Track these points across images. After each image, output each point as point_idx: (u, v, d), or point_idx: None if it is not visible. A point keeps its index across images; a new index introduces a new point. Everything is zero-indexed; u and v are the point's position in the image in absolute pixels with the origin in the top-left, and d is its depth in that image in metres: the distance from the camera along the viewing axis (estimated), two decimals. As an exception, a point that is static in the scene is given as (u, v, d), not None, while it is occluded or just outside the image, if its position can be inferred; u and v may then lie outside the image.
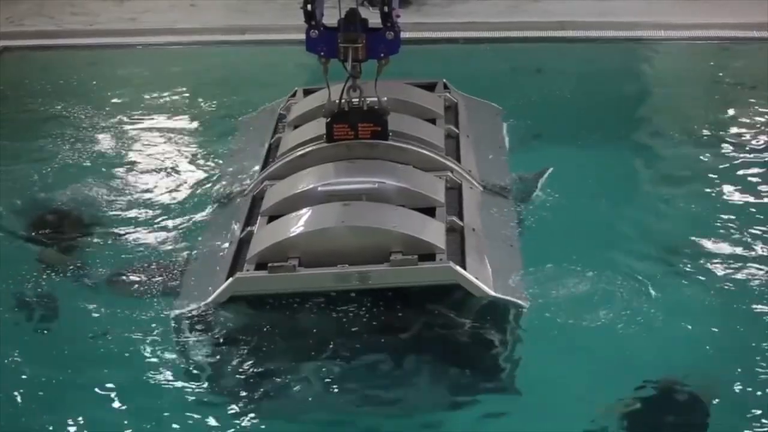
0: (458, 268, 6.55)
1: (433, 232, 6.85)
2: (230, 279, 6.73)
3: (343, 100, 7.75)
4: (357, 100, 7.77)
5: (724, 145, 9.64)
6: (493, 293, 6.53)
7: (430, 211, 7.21)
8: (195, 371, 6.59)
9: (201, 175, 9.25)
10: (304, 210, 7.06)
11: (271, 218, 7.31)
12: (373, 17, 7.87)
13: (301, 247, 6.72)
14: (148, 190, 9.01)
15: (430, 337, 6.61)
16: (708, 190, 8.71)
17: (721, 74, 11.79)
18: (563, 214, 8.21)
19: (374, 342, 6.66)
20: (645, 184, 9.05)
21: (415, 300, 6.76)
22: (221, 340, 6.72)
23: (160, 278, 7.44)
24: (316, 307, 6.83)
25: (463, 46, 12.68)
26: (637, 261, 7.55)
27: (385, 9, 7.59)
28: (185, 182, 9.14)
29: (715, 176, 8.97)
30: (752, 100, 10.76)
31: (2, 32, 13.15)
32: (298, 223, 6.92)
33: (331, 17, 7.80)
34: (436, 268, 6.57)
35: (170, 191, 8.98)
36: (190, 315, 6.76)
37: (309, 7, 7.58)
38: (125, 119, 10.71)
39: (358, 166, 7.62)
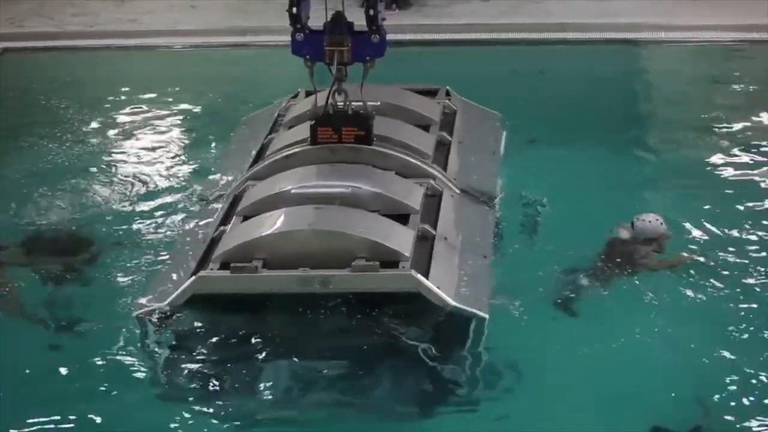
0: (419, 277, 6.46)
1: (400, 239, 6.76)
2: (192, 278, 6.69)
3: (329, 104, 7.71)
4: (342, 103, 7.73)
5: (727, 149, 9.54)
6: (453, 303, 6.43)
7: (404, 218, 7.14)
8: (153, 370, 6.63)
9: (197, 174, 9.31)
10: (275, 212, 7.01)
11: (246, 218, 7.27)
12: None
13: (267, 249, 6.67)
14: (142, 189, 9.11)
15: (392, 344, 6.55)
16: (710, 199, 8.55)
17: (722, 76, 11.70)
18: (552, 222, 8.15)
19: (339, 344, 6.65)
20: (644, 191, 8.90)
21: (380, 305, 6.69)
22: (181, 340, 6.71)
23: (130, 277, 7.51)
24: (283, 308, 6.77)
25: (464, 48, 12.65)
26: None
27: (371, 12, 7.54)
28: (181, 182, 9.23)
29: (719, 184, 8.85)
30: (753, 103, 10.66)
31: (2, 33, 13.25)
32: (266, 224, 6.87)
33: (316, 20, 7.77)
34: (396, 276, 6.49)
35: (164, 190, 9.08)
36: (152, 314, 6.71)
37: (294, 10, 7.57)
38: (124, 120, 10.82)
39: (337, 170, 7.57)
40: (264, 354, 6.61)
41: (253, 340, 6.68)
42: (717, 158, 9.35)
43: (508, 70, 11.99)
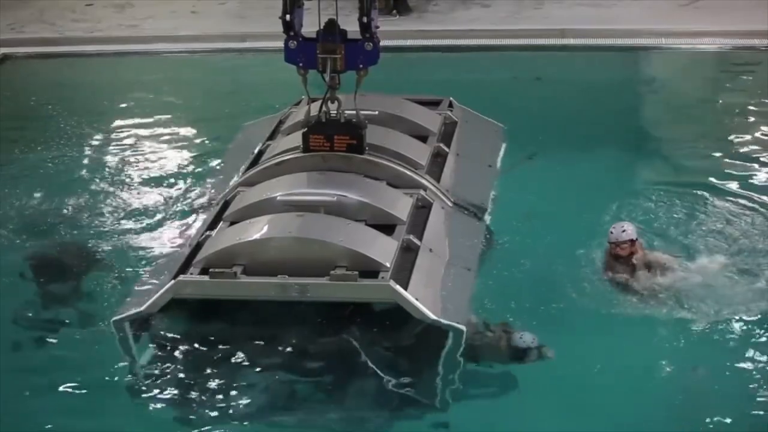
0: (398, 288, 6.38)
1: (382, 249, 6.69)
2: (170, 282, 6.65)
3: (322, 112, 7.66)
4: (335, 112, 7.68)
5: (729, 157, 9.45)
6: (431, 315, 6.34)
7: (390, 228, 7.06)
8: (128, 375, 6.59)
9: (195, 180, 9.32)
10: (259, 218, 6.96)
11: (233, 224, 7.22)
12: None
13: (247, 255, 6.63)
14: (139, 194, 9.15)
15: (368, 354, 6.51)
16: (712, 205, 8.45)
17: (722, 83, 11.67)
18: (548, 226, 8.12)
19: (315, 353, 6.60)
20: (645, 199, 8.75)
21: (359, 314, 6.67)
22: (158, 345, 6.70)
23: (116, 282, 7.53)
24: (264, 314, 6.76)
25: (465, 54, 12.61)
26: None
27: (364, 19, 7.47)
28: (179, 187, 9.25)
29: (720, 192, 8.71)
30: (755, 110, 10.56)
31: (4, 39, 13.26)
32: (249, 230, 6.83)
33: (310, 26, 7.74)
34: (374, 286, 6.42)
35: (162, 195, 9.09)
36: (131, 318, 6.66)
37: (288, 17, 7.53)
38: (124, 125, 10.85)
39: (326, 178, 7.51)
40: (241, 361, 6.59)
41: (229, 347, 6.66)
42: (719, 166, 9.28)
43: (509, 76, 11.98)
